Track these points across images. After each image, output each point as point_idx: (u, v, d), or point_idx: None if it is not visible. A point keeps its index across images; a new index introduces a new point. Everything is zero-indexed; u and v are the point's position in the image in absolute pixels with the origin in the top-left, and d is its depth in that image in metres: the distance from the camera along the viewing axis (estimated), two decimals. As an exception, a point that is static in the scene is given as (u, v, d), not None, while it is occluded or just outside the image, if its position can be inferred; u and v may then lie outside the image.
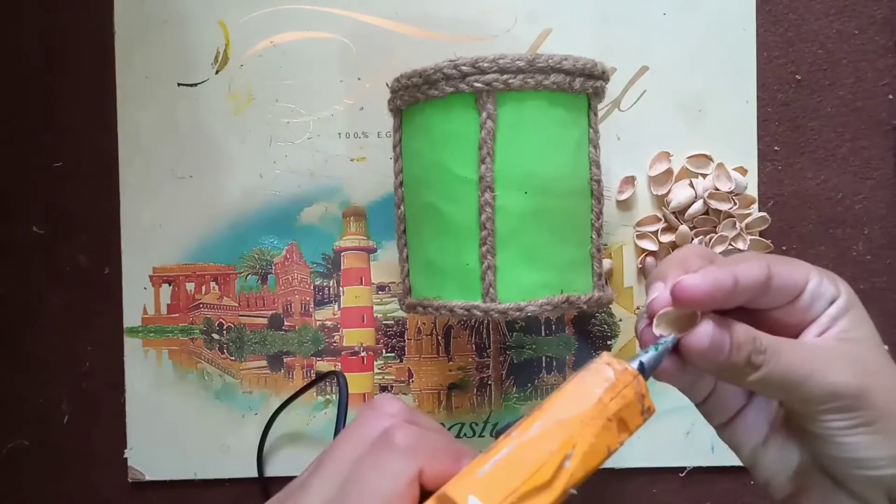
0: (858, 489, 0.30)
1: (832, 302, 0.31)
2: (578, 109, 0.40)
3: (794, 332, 0.31)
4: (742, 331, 0.29)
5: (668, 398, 0.49)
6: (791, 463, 0.32)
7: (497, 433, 0.29)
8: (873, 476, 0.29)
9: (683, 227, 0.48)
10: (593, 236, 0.41)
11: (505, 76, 0.37)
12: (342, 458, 0.27)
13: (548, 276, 0.39)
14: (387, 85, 0.41)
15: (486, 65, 0.37)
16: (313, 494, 0.27)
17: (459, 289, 0.39)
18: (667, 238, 0.48)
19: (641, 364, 0.28)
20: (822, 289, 0.31)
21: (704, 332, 0.28)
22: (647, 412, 0.27)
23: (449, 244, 0.39)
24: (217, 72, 0.49)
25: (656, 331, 0.29)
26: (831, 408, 0.29)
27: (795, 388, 0.29)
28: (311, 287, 0.50)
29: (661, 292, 0.30)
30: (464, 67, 0.37)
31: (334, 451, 0.28)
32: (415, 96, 0.39)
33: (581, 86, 0.39)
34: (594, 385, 0.27)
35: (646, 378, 0.28)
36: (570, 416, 0.26)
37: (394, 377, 0.50)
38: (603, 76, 0.40)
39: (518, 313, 0.38)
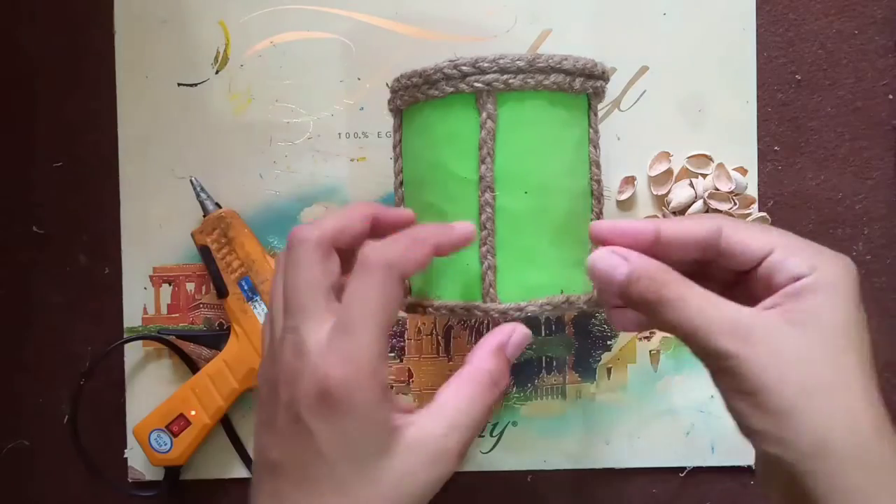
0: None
1: (796, 279, 0.31)
2: (578, 109, 0.40)
3: (757, 302, 0.32)
4: (645, 267, 0.32)
5: (669, 398, 0.49)
6: None
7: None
8: (763, 452, 0.30)
9: (683, 227, 0.48)
10: None
11: (505, 76, 0.37)
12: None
13: (548, 276, 0.38)
14: (387, 85, 0.41)
15: (486, 65, 0.37)
16: (317, 323, 0.31)
17: (459, 289, 0.39)
18: (667, 238, 0.48)
19: None
20: (787, 263, 0.31)
21: (590, 258, 0.33)
22: None
23: None
24: (217, 72, 0.49)
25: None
26: (714, 368, 0.31)
27: (683, 339, 0.31)
28: (311, 287, 0.50)
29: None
30: (464, 67, 0.37)
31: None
32: (415, 96, 0.39)
33: (581, 86, 0.39)
34: None
35: None
36: None
37: (394, 377, 0.50)
38: (603, 76, 0.40)
39: (518, 313, 0.38)
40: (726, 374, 0.30)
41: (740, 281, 0.34)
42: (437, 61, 0.38)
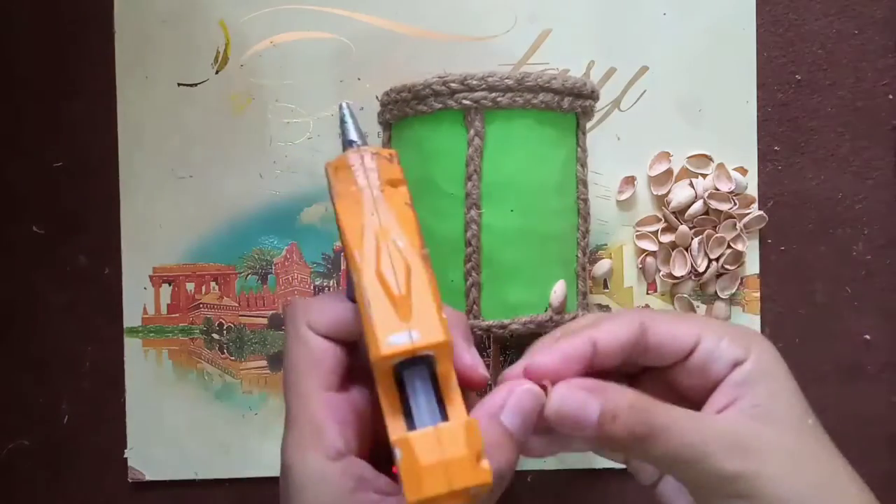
0: None
1: (736, 365, 0.29)
2: (566, 128, 0.40)
3: (700, 396, 0.30)
4: (621, 399, 0.27)
5: (668, 398, 0.49)
6: None
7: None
8: None
9: (683, 227, 0.48)
10: (578, 255, 0.41)
11: (493, 94, 0.37)
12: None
13: (532, 294, 0.39)
14: (377, 98, 0.41)
15: (474, 82, 0.37)
16: None
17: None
18: (667, 238, 0.48)
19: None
20: (720, 351, 0.29)
21: (552, 401, 0.27)
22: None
23: (434, 259, 0.39)
24: (217, 72, 0.49)
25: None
26: (720, 493, 0.28)
27: (684, 470, 0.28)
28: (311, 287, 0.50)
29: (512, 369, 0.29)
30: (452, 84, 0.37)
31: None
32: (404, 111, 0.39)
33: (569, 105, 0.39)
34: None
35: None
36: None
37: (394, 377, 0.49)
38: (592, 95, 0.40)
39: (501, 331, 0.38)
40: (734, 496, 0.27)
41: (640, 378, 0.32)
42: (432, 69, 0.39)
